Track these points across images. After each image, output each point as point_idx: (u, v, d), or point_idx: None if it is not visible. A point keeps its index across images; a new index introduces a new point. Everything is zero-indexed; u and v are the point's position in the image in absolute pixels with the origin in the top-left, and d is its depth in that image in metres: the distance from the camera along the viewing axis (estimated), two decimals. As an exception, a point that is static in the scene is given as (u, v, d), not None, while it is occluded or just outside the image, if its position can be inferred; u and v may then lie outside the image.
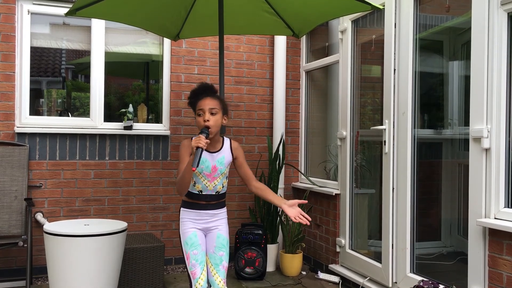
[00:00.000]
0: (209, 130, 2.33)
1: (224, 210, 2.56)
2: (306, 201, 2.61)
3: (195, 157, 2.21)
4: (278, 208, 4.46)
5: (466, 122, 3.01)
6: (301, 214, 2.37)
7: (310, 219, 2.38)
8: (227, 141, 2.52)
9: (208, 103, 2.40)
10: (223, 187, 2.50)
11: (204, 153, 2.37)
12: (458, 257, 3.90)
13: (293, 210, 2.39)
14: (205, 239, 2.49)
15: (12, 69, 4.00)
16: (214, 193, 2.46)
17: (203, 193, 2.44)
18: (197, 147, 2.22)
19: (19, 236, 3.71)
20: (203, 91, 2.47)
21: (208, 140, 2.28)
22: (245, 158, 2.59)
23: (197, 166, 2.20)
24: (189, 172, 2.28)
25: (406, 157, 3.31)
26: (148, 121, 4.54)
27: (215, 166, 2.43)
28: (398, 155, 3.40)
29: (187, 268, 2.42)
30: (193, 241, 2.42)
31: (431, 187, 4.31)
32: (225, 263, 2.50)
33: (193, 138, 2.31)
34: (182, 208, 2.51)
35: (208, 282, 2.45)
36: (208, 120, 2.36)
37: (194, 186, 2.43)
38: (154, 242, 3.82)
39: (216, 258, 2.48)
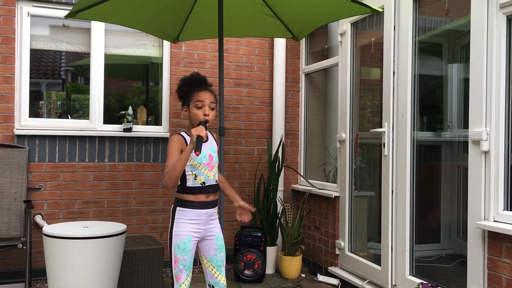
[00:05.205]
0: (207, 124, 2.38)
1: (217, 209, 2.55)
2: (254, 209, 2.65)
3: (197, 144, 2.22)
4: (278, 211, 4.47)
5: (465, 125, 3.01)
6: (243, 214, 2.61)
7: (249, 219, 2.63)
8: (208, 132, 2.54)
9: (209, 97, 2.43)
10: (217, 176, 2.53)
11: None
12: (458, 259, 3.90)
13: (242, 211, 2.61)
14: (196, 246, 2.45)
15: (12, 71, 4.01)
16: (215, 183, 2.47)
17: (206, 184, 2.42)
18: (198, 136, 2.24)
19: (18, 238, 3.70)
20: (199, 82, 2.47)
21: (207, 132, 2.35)
22: None
23: (200, 151, 2.22)
24: (184, 161, 2.26)
25: (405, 160, 3.32)
26: (147, 123, 4.54)
27: (211, 154, 2.45)
28: (397, 158, 3.40)
29: (172, 271, 2.38)
30: (186, 246, 2.37)
31: (431, 189, 4.31)
32: (225, 263, 2.52)
33: (192, 129, 2.29)
34: (178, 208, 2.42)
35: (209, 284, 2.47)
36: (208, 115, 2.40)
37: (196, 179, 2.39)
38: (153, 244, 3.82)
39: (218, 260, 2.48)
